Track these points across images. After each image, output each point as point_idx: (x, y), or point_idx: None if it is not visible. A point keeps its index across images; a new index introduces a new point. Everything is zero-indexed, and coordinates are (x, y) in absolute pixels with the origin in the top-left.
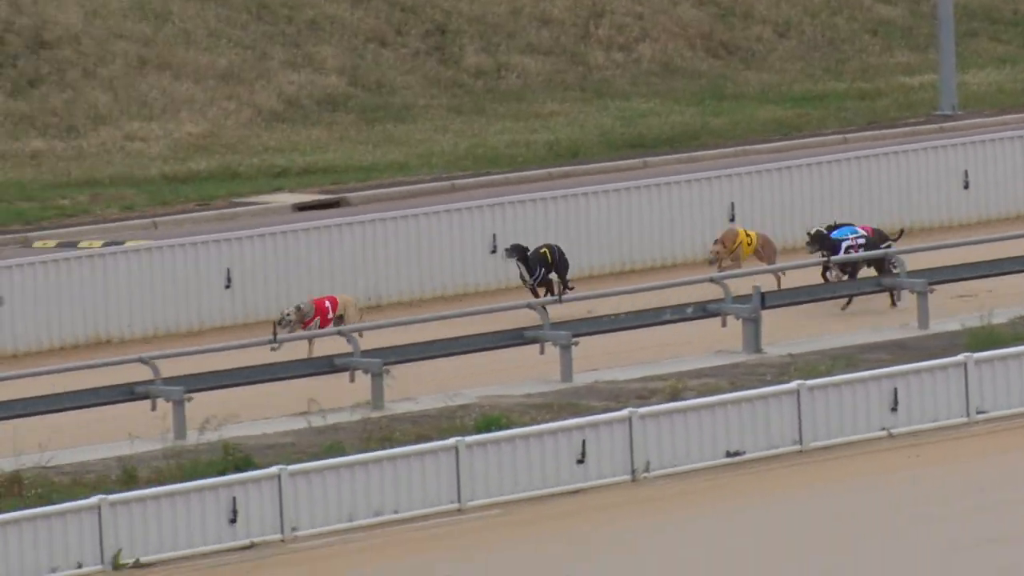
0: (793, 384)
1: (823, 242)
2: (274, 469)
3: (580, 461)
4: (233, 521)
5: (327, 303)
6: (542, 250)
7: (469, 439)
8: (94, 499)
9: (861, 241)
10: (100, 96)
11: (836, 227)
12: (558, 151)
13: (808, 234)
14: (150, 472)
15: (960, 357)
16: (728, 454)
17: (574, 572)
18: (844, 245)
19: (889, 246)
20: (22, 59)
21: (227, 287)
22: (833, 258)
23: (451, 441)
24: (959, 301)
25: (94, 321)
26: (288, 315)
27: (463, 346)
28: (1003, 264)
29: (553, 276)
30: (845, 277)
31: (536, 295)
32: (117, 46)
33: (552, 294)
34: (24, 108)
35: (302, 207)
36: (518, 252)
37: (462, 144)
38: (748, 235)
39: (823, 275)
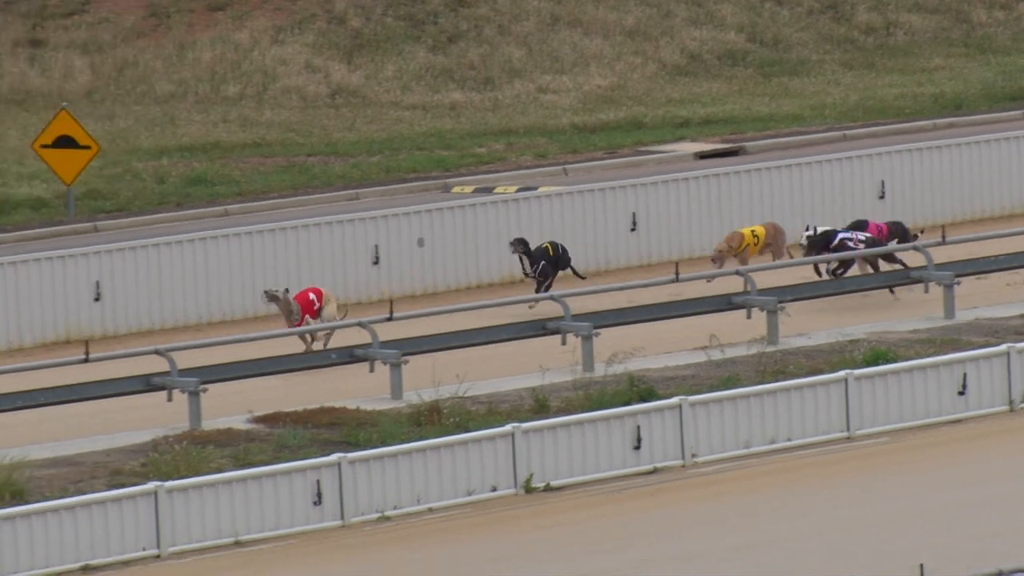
0: None
1: (819, 244)
2: (675, 400)
3: (961, 393)
4: (637, 448)
5: (311, 295)
6: (544, 245)
7: (858, 372)
8: (508, 427)
9: (861, 236)
10: (514, 51)
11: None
12: (942, 103)
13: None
14: (560, 402)
15: None
16: None
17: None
18: (840, 237)
19: (916, 237)
20: (442, 17)
21: (632, 230)
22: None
23: (841, 374)
24: None
25: (508, 262)
26: (277, 291)
27: (852, 285)
28: None
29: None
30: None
31: (539, 287)
32: (530, 4)
33: (548, 288)
34: (444, 62)
35: (703, 155)
36: (522, 246)
37: (853, 96)
38: (755, 235)
39: (832, 273)
